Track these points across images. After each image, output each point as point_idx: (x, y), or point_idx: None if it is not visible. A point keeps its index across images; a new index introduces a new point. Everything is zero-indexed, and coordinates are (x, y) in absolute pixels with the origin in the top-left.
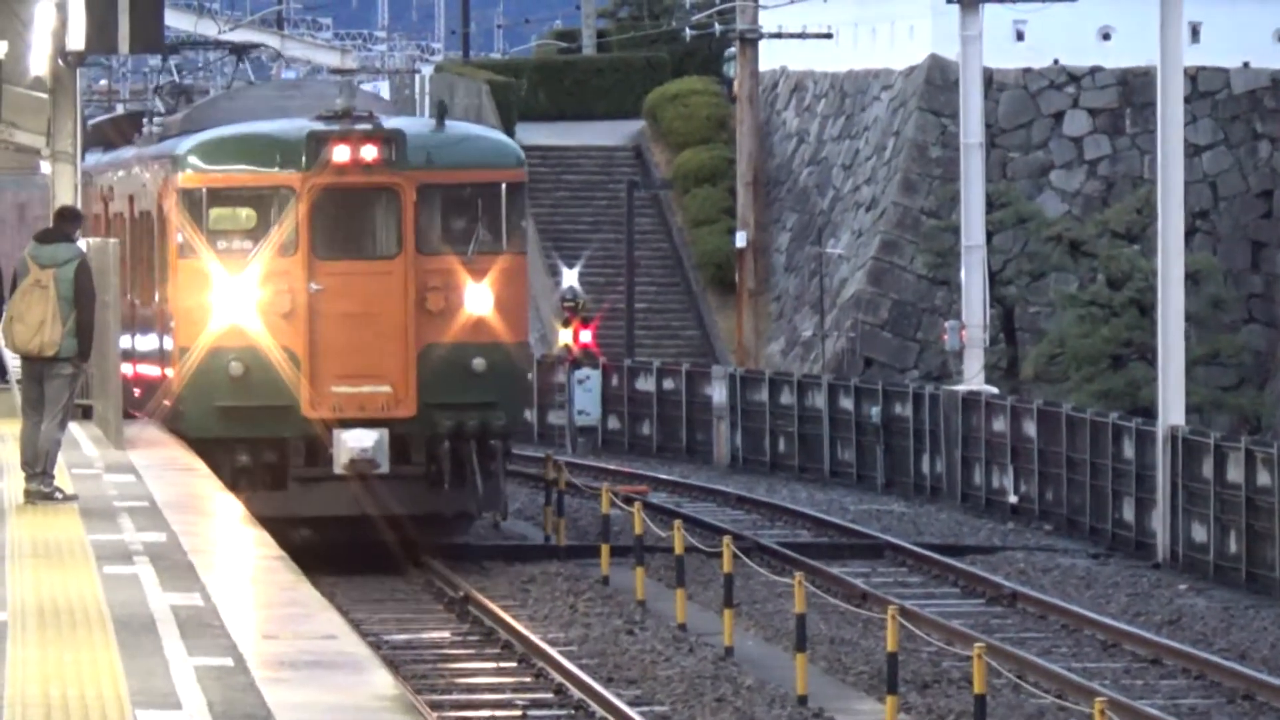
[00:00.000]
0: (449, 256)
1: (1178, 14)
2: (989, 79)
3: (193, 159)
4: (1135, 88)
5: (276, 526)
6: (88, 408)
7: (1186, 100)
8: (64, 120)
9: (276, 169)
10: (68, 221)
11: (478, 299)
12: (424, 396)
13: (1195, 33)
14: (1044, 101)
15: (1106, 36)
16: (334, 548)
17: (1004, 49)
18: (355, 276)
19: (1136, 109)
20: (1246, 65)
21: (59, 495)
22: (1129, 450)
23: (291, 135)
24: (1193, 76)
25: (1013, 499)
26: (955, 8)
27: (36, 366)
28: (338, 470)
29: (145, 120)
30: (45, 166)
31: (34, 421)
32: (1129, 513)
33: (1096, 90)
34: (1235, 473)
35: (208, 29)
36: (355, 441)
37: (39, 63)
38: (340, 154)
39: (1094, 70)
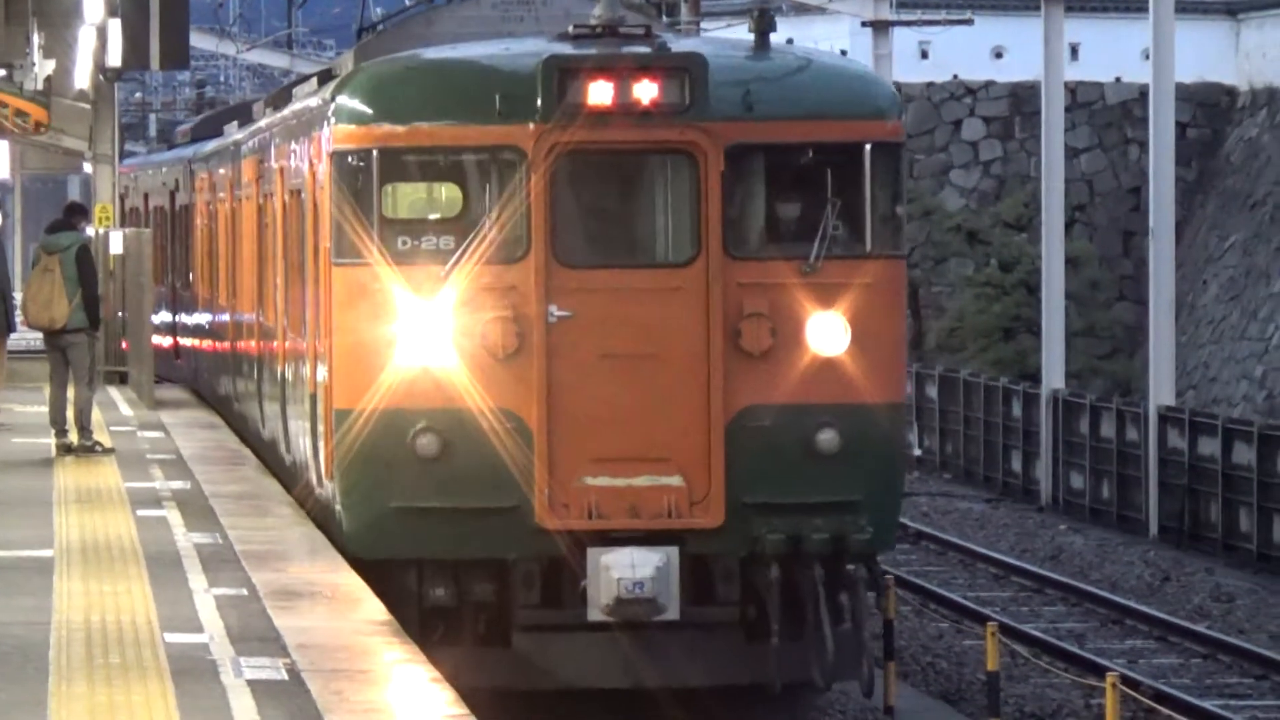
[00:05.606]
0: (779, 263)
1: (1060, 35)
2: (898, 91)
3: (353, 102)
4: (1023, 99)
5: (497, 701)
6: (124, 373)
7: (1067, 110)
8: (104, 127)
9: (494, 119)
10: (73, 214)
11: (826, 333)
12: (738, 493)
13: (1075, 51)
14: (945, 111)
15: (999, 55)
16: None
17: (911, 65)
18: (623, 296)
19: (1025, 117)
20: (1118, 80)
21: (99, 448)
22: (1017, 410)
23: (518, 63)
24: (1072, 89)
25: (917, 452)
26: (869, 31)
27: (54, 339)
28: (596, 615)
29: None
30: (88, 167)
31: (59, 387)
32: (1017, 464)
33: (990, 101)
34: (1108, 429)
35: (227, 49)
36: (624, 568)
37: (82, 77)
38: (599, 93)
39: (988, 84)
